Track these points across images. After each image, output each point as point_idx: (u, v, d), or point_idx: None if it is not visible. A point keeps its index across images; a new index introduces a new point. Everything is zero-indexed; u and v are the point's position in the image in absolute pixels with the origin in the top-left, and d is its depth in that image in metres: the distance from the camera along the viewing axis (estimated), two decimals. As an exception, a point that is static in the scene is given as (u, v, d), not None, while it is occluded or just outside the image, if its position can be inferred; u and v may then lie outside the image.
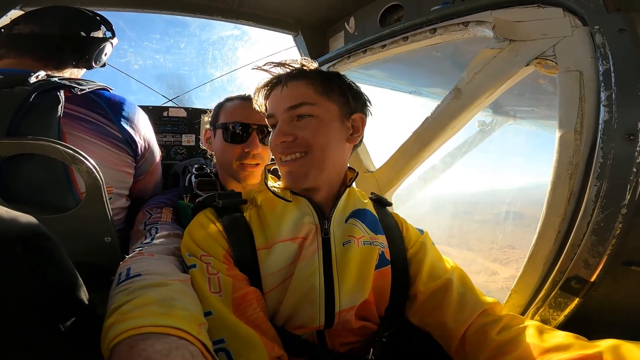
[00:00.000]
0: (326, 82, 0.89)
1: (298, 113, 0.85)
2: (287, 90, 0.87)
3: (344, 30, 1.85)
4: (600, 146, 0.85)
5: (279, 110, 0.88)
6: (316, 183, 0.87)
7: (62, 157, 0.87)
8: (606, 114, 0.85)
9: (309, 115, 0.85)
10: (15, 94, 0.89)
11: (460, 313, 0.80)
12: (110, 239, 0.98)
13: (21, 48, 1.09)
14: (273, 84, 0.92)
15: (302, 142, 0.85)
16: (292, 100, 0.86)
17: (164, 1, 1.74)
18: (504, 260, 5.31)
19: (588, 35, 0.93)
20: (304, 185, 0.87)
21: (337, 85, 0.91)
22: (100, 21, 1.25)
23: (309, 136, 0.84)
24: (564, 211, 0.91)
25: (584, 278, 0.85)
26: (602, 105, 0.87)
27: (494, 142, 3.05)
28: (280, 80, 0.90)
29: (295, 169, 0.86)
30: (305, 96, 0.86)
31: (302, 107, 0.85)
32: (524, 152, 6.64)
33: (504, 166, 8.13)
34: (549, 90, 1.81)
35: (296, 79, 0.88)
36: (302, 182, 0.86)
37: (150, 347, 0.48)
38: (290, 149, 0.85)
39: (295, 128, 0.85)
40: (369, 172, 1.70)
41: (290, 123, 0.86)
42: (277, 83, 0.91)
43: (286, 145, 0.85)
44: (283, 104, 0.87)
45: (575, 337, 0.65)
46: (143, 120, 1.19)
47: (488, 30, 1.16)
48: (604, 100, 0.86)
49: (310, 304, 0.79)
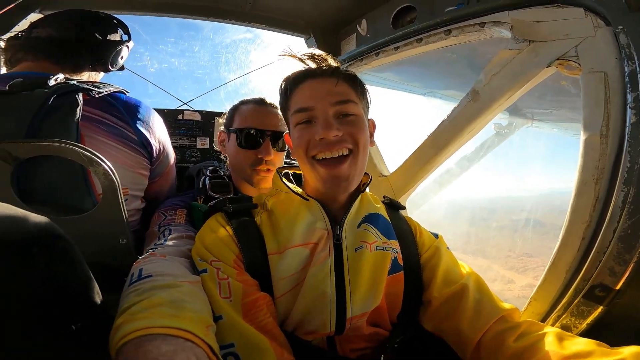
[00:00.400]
0: (361, 84, 0.89)
1: (345, 110, 0.82)
2: (332, 85, 0.83)
3: (355, 33, 1.85)
4: (628, 150, 0.82)
5: (322, 103, 0.82)
6: (352, 189, 0.85)
7: (80, 159, 0.88)
8: (633, 116, 0.82)
9: (353, 114, 0.83)
10: (34, 96, 0.91)
11: (476, 319, 0.78)
12: (125, 240, 0.99)
13: (39, 51, 1.11)
14: (311, 74, 0.87)
15: (349, 139, 0.82)
16: (339, 95, 0.82)
17: (178, 5, 1.77)
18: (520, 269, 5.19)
19: (612, 35, 0.91)
20: (348, 189, 0.84)
21: (364, 87, 0.90)
22: (116, 24, 1.28)
23: (356, 133, 0.82)
24: (589, 217, 0.89)
25: (609, 286, 0.82)
26: (629, 108, 0.84)
27: (513, 146, 3.00)
28: (322, 72, 0.86)
29: (342, 172, 0.81)
30: (350, 94, 0.84)
31: (349, 104, 0.83)
32: (544, 156, 6.55)
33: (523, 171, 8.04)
34: (570, 92, 1.76)
35: (340, 76, 0.85)
36: (346, 186, 0.83)
37: (155, 349, 0.49)
38: (338, 145, 0.81)
39: (343, 124, 0.82)
40: (382, 177, 1.68)
41: (337, 119, 0.82)
42: (315, 75, 0.86)
43: (337, 139, 0.81)
44: (330, 97, 0.82)
45: (597, 344, 0.63)
46: (158, 122, 1.20)
47: (505, 31, 1.14)
48: (630, 102, 0.83)
49: (322, 309, 0.78)
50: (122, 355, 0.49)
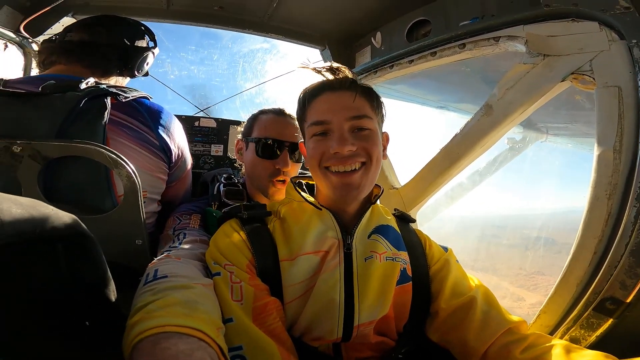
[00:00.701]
0: (377, 98, 0.91)
1: (360, 125, 0.84)
2: (349, 100, 0.85)
3: (370, 45, 1.87)
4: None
5: (338, 117, 0.84)
6: (363, 197, 0.87)
7: (106, 160, 0.92)
8: (647, 131, 0.81)
9: (367, 128, 0.85)
10: (66, 99, 0.95)
11: (483, 331, 0.78)
12: (141, 241, 1.01)
13: (72, 55, 1.16)
14: (328, 86, 0.89)
15: (363, 153, 0.84)
16: (356, 110, 0.84)
17: (199, 14, 1.83)
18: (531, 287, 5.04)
19: (626, 49, 0.91)
20: (358, 197, 0.86)
21: (380, 102, 0.92)
22: (144, 31, 1.33)
23: (370, 148, 0.84)
24: (601, 232, 0.88)
25: (619, 299, 0.83)
26: (643, 123, 0.83)
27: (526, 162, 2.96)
28: (340, 86, 0.88)
29: (353, 180, 0.83)
30: (366, 109, 0.86)
31: (364, 119, 0.85)
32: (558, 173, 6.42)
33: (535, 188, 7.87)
34: (584, 106, 1.74)
35: (358, 89, 0.87)
36: (356, 194, 0.85)
37: (174, 346, 0.50)
38: (352, 159, 0.83)
39: (357, 138, 0.84)
40: (393, 189, 1.68)
41: (351, 133, 0.84)
42: (333, 87, 0.88)
43: (351, 154, 0.83)
44: (346, 112, 0.84)
45: (604, 356, 0.62)
46: (178, 129, 1.24)
47: (520, 45, 1.14)
48: (644, 118, 0.83)
49: (330, 316, 0.79)
50: (139, 351, 0.50)
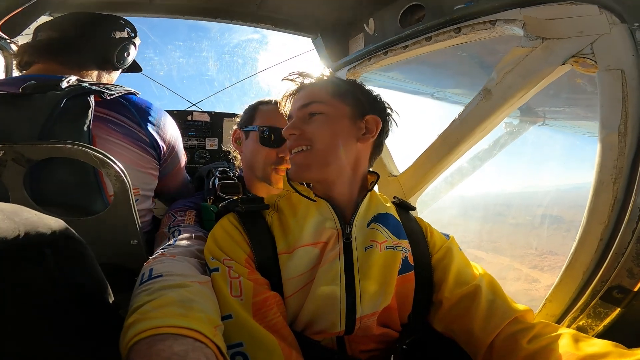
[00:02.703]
0: (337, 84, 0.96)
1: (309, 111, 0.91)
2: (302, 92, 0.96)
3: (363, 32, 1.83)
4: None
5: (293, 109, 0.95)
6: (320, 176, 0.89)
7: (92, 161, 0.89)
8: (652, 114, 0.80)
9: (319, 113, 0.90)
10: (48, 99, 0.92)
11: (489, 320, 0.77)
12: (136, 241, 1.00)
13: (45, 53, 1.13)
14: (295, 91, 1.00)
15: (307, 137, 0.89)
16: (303, 99, 0.93)
17: (185, 7, 1.77)
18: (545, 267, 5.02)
19: (628, 33, 0.89)
20: (306, 176, 0.90)
21: (349, 87, 0.96)
22: (123, 24, 1.29)
23: (313, 131, 0.89)
24: (607, 218, 0.87)
25: (627, 287, 0.81)
26: (648, 105, 0.81)
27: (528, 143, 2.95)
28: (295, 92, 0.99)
29: (299, 160, 0.89)
30: (315, 96, 0.92)
31: (311, 105, 0.91)
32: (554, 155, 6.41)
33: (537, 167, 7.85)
34: (583, 89, 1.72)
35: (311, 83, 0.98)
36: (304, 173, 0.89)
37: (168, 348, 0.50)
38: (297, 142, 0.90)
39: (304, 124, 0.90)
40: (392, 177, 1.66)
41: (302, 120, 0.91)
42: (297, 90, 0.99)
43: (294, 138, 0.90)
44: (297, 103, 0.95)
45: (613, 345, 0.62)
46: (170, 124, 1.21)
47: (517, 29, 1.12)
48: (649, 100, 0.81)
49: (331, 309, 0.78)
50: (134, 353, 0.50)
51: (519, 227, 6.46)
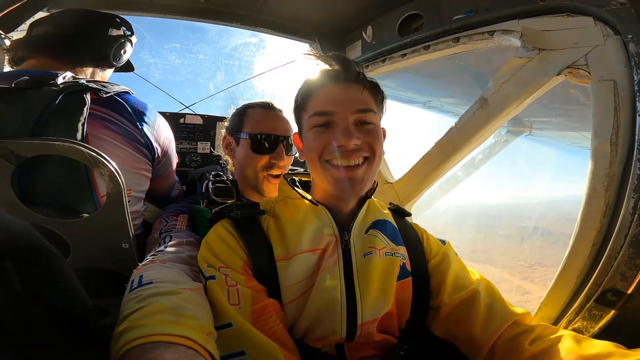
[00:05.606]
0: (382, 93, 0.88)
1: (365, 118, 0.81)
2: (357, 92, 0.82)
3: (361, 39, 1.85)
4: (637, 157, 0.84)
5: (344, 109, 0.80)
6: (364, 192, 0.86)
7: (85, 159, 0.86)
8: (642, 124, 0.83)
9: (372, 122, 0.82)
10: (41, 94, 0.89)
11: (489, 324, 0.77)
12: (127, 245, 0.96)
13: (38, 48, 1.10)
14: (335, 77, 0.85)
15: (367, 148, 0.81)
16: (362, 104, 0.81)
17: (184, 7, 1.76)
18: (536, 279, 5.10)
19: (621, 44, 0.92)
20: (360, 192, 0.84)
21: (385, 97, 0.90)
22: (119, 22, 1.27)
23: (374, 142, 0.81)
24: (600, 224, 0.90)
25: (620, 290, 0.84)
26: (639, 116, 0.85)
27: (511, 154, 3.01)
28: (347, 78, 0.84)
29: (361, 175, 0.81)
30: (371, 103, 0.83)
31: (369, 113, 0.82)
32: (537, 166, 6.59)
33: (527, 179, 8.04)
34: (570, 100, 1.77)
35: (365, 83, 0.84)
36: (359, 189, 0.82)
37: (160, 357, 0.48)
38: (356, 153, 0.80)
39: (361, 132, 0.81)
40: (388, 184, 1.67)
41: (356, 127, 0.81)
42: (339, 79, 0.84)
43: (356, 147, 0.80)
44: (353, 105, 0.81)
45: (615, 346, 0.63)
46: (164, 126, 1.19)
47: (515, 39, 1.15)
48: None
49: (332, 316, 0.76)
50: None
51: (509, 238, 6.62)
